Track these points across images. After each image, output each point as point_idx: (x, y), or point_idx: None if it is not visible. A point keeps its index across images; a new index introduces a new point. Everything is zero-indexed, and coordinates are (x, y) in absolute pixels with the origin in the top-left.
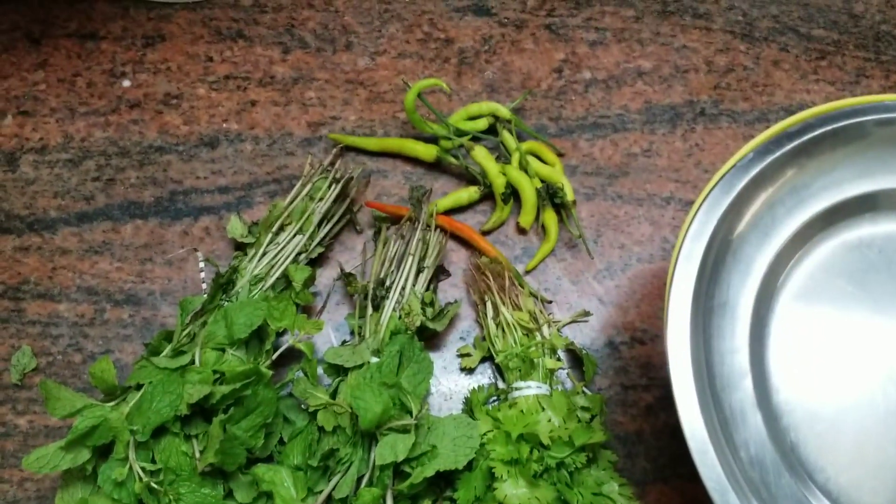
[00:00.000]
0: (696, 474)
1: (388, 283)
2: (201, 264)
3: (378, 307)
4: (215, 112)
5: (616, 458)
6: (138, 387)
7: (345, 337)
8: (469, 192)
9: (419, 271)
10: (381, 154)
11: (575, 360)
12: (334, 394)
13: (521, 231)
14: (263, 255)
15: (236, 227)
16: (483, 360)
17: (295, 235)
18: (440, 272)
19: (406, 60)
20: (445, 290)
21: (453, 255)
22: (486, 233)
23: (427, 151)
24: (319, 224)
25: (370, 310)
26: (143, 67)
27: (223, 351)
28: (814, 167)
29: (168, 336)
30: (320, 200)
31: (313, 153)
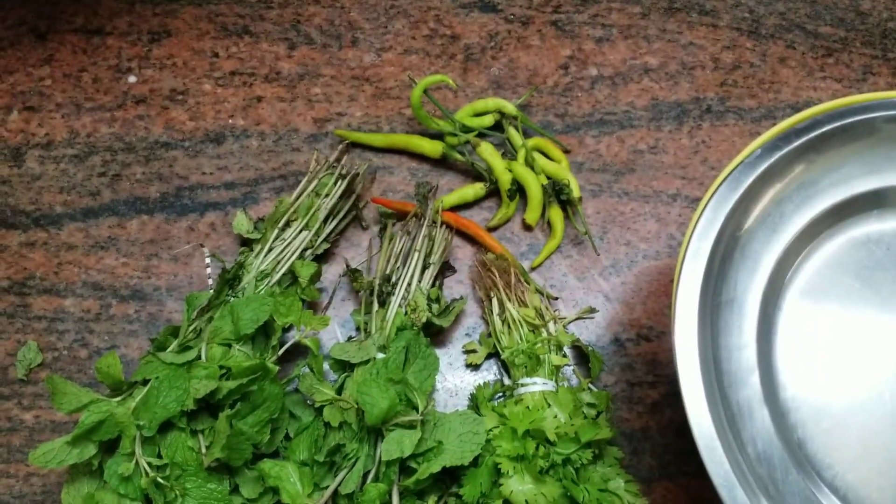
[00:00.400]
0: (701, 471)
1: (393, 279)
2: (207, 260)
3: (384, 303)
4: (221, 108)
5: (622, 454)
6: (144, 382)
7: (351, 333)
8: (475, 189)
9: (425, 267)
10: (387, 150)
11: (581, 356)
12: (340, 389)
13: (527, 227)
14: (269, 250)
15: (242, 222)
16: (489, 357)
17: (301, 231)
18: (446, 268)
19: (412, 56)
20: (451, 287)
21: (459, 252)
22: (492, 229)
23: (433, 148)
24: (325, 220)
25: (376, 306)
26: (148, 63)
27: (229, 346)
28: (822, 163)
29: (174, 331)
30: (326, 196)
31: (319, 149)
